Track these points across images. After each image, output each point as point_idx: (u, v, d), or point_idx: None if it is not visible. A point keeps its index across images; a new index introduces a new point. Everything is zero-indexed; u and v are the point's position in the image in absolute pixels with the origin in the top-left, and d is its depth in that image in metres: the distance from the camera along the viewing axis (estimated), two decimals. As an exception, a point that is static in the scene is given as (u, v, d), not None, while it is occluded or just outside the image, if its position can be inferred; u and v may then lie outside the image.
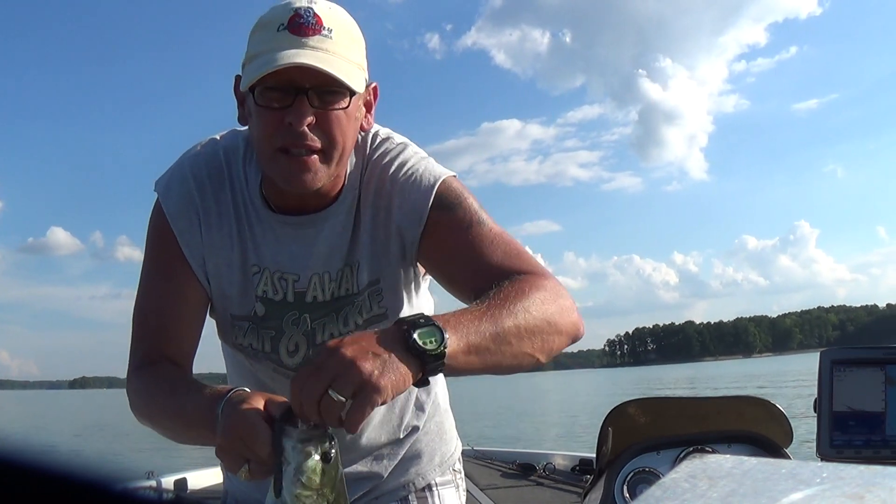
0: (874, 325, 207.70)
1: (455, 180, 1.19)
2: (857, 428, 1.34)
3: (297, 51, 1.00)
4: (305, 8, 1.03)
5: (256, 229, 1.18)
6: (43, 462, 0.31)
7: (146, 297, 1.19)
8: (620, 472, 1.53)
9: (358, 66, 1.07)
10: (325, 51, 1.02)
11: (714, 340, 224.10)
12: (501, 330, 0.91)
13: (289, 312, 1.20)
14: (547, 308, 0.98)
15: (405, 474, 1.35)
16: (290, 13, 1.03)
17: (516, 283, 0.99)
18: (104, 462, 0.32)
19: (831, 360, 1.35)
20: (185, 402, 1.00)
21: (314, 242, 1.17)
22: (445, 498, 1.39)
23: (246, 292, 1.20)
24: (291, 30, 1.01)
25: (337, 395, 0.78)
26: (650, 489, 0.44)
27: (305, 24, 1.02)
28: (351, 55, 1.06)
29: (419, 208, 1.15)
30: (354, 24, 1.09)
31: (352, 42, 1.07)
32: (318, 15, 1.03)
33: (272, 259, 1.18)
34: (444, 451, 1.41)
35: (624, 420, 1.65)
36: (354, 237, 1.17)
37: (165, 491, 3.13)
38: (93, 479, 0.31)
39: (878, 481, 0.42)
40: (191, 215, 1.18)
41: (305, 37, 1.01)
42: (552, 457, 3.69)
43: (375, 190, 1.17)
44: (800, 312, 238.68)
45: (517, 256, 1.10)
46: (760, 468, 0.45)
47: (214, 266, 1.19)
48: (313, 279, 1.18)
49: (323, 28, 1.02)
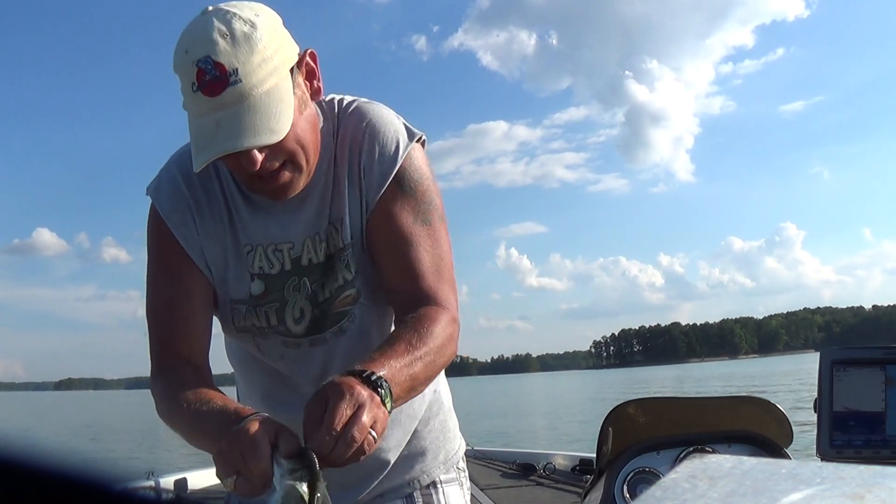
0: (860, 327, 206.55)
1: (421, 152, 1.23)
2: (857, 428, 1.34)
3: (220, 122, 1.02)
4: (204, 59, 1.02)
5: (244, 210, 1.21)
6: (43, 462, 0.31)
7: (154, 298, 1.22)
8: (620, 472, 1.53)
9: (275, 78, 1.05)
10: (240, 101, 1.02)
11: (700, 342, 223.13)
12: (416, 384, 1.06)
13: (289, 280, 1.22)
14: (447, 352, 1.13)
15: (410, 471, 1.36)
16: (194, 69, 1.03)
17: (432, 326, 1.10)
18: (104, 462, 0.32)
19: (831, 360, 1.35)
20: (204, 418, 1.03)
21: (301, 208, 1.20)
22: (450, 495, 1.39)
23: (242, 274, 1.22)
24: (204, 91, 1.02)
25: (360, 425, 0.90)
26: (650, 489, 0.44)
27: (213, 81, 1.02)
28: (264, 76, 1.04)
29: (382, 176, 1.18)
30: (258, 28, 1.05)
31: (259, 60, 1.04)
32: (219, 62, 1.02)
33: (263, 234, 1.21)
34: (449, 448, 1.42)
35: (624, 420, 1.65)
36: (335, 194, 1.20)
37: (165, 491, 3.13)
38: (93, 479, 0.31)
39: (878, 481, 0.42)
40: (183, 209, 1.20)
41: (218, 95, 1.02)
42: (552, 457, 3.69)
43: (350, 145, 1.20)
44: (786, 314, 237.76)
45: (439, 273, 1.19)
46: (760, 468, 0.45)
47: (212, 253, 1.21)
48: (306, 242, 1.21)
49: (228, 76, 1.02)
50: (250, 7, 1.08)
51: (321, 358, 1.26)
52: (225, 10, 1.06)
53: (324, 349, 1.25)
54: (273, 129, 1.04)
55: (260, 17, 1.07)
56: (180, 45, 1.06)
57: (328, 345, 1.25)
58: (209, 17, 1.05)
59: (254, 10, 1.08)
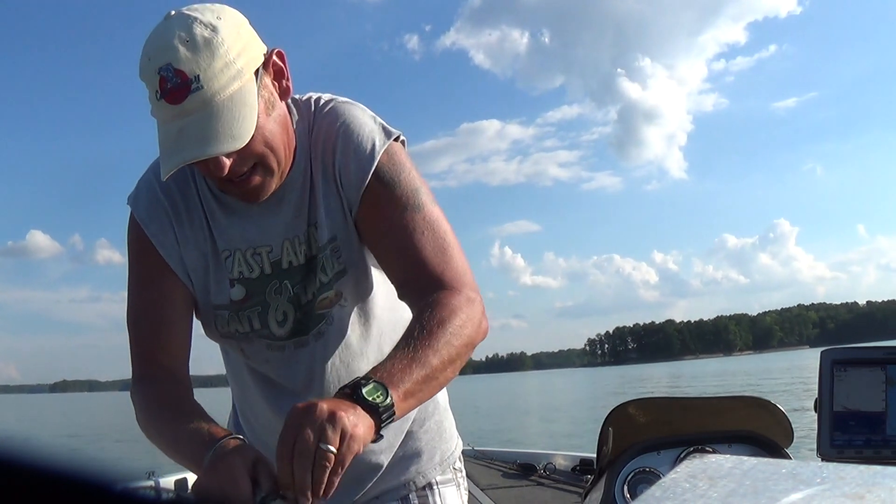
0: (854, 323, 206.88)
1: (399, 148, 1.21)
2: (857, 428, 1.33)
3: (182, 130, 1.02)
4: (165, 66, 1.02)
5: (220, 215, 1.21)
6: (43, 462, 0.31)
7: (134, 307, 1.22)
8: (621, 472, 1.53)
9: (238, 81, 1.04)
10: (202, 108, 1.02)
11: (694, 339, 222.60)
12: (430, 370, 1.00)
13: (270, 283, 1.22)
14: (465, 332, 1.06)
15: (406, 473, 1.35)
16: (157, 76, 1.02)
17: (437, 310, 1.05)
18: (104, 462, 0.32)
19: (832, 360, 1.35)
20: (180, 435, 1.04)
21: (279, 210, 1.19)
22: (446, 496, 1.39)
23: (222, 280, 1.22)
24: (166, 98, 1.02)
25: (326, 446, 0.84)
26: (650, 489, 0.44)
27: (174, 88, 1.02)
28: (226, 81, 1.03)
29: (360, 174, 1.16)
30: (219, 32, 1.04)
31: (221, 64, 1.03)
32: (180, 69, 1.01)
33: (241, 238, 1.21)
34: (445, 449, 1.41)
35: (624, 420, 1.65)
36: (312, 196, 1.19)
37: (165, 491, 3.13)
38: (93, 479, 0.31)
39: (879, 481, 0.42)
40: (161, 217, 1.21)
41: (180, 102, 1.02)
42: (553, 457, 3.69)
43: (323, 147, 1.19)
44: (780, 310, 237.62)
45: (443, 253, 1.14)
46: (760, 468, 0.45)
47: (192, 260, 1.21)
48: (285, 245, 1.20)
49: (190, 82, 1.01)
50: (212, 10, 1.07)
51: (306, 360, 1.25)
52: (186, 14, 1.05)
53: (307, 352, 1.25)
54: (236, 136, 1.04)
55: (222, 19, 1.05)
56: (144, 52, 1.05)
57: (310, 347, 1.25)
58: (170, 23, 1.05)
59: (216, 12, 1.06)
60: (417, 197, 1.17)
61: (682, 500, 0.42)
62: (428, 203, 1.17)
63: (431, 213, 1.17)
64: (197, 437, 1.00)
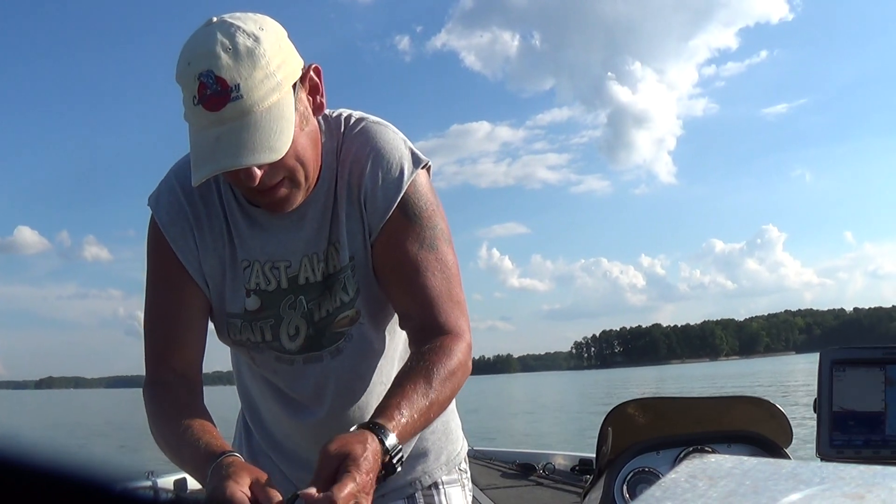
0: (841, 329, 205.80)
1: (425, 178, 1.21)
2: (856, 428, 1.34)
3: (219, 137, 1.02)
4: (206, 73, 1.01)
5: (243, 225, 1.21)
6: (43, 462, 0.31)
7: (150, 310, 1.23)
8: (620, 472, 1.53)
9: (277, 93, 1.04)
10: (241, 117, 1.02)
11: (681, 343, 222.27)
12: (425, 411, 1.06)
13: (285, 298, 1.22)
14: (461, 380, 1.15)
15: (412, 472, 1.36)
16: (196, 82, 1.02)
17: (446, 361, 1.11)
18: (104, 462, 0.32)
19: (831, 360, 1.35)
20: (183, 445, 1.07)
21: (300, 227, 1.20)
22: (452, 496, 1.39)
23: (237, 289, 1.22)
24: (205, 105, 1.02)
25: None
26: (650, 489, 0.44)
27: (214, 95, 1.01)
28: (266, 92, 1.03)
29: (385, 203, 1.17)
30: (261, 43, 1.04)
31: (262, 75, 1.03)
32: (221, 77, 1.01)
33: (261, 251, 1.21)
34: (451, 449, 1.42)
35: (624, 420, 1.65)
36: (335, 215, 1.20)
37: (165, 491, 3.13)
38: (93, 479, 0.31)
39: (878, 481, 0.42)
40: (182, 222, 1.21)
41: (219, 110, 1.01)
42: (552, 457, 3.69)
43: (351, 167, 1.19)
44: (767, 316, 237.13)
45: (449, 297, 1.18)
46: (760, 468, 0.45)
47: (210, 267, 1.22)
48: (304, 261, 1.21)
49: (230, 91, 1.01)
50: (255, 20, 1.07)
51: (315, 376, 1.26)
52: (229, 22, 1.05)
53: (319, 367, 1.25)
54: (273, 148, 1.03)
55: (264, 30, 1.05)
56: (183, 56, 1.05)
57: (323, 363, 1.25)
58: (213, 30, 1.04)
59: (258, 23, 1.06)
60: (435, 237, 1.18)
61: (681, 500, 0.42)
62: (443, 244, 1.19)
63: (445, 256, 1.19)
64: (199, 456, 1.02)
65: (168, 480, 3.28)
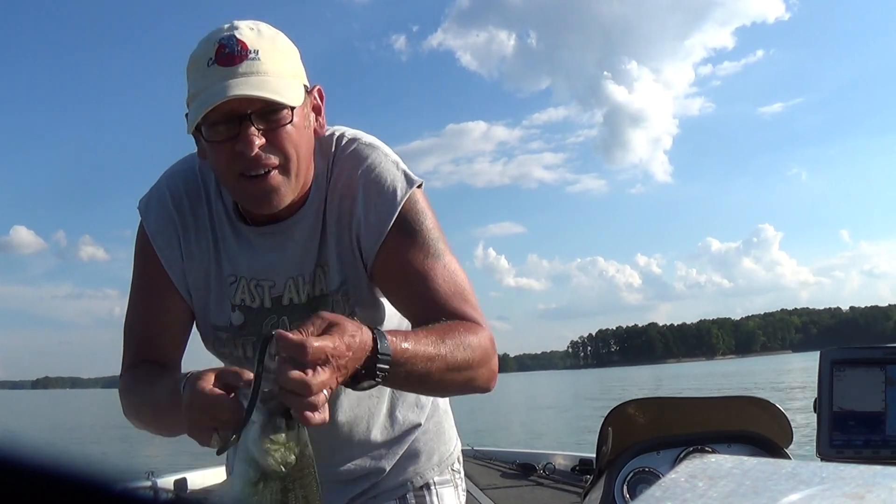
0: (837, 328, 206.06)
1: (421, 196, 1.20)
2: (857, 428, 1.34)
3: (229, 82, 1.03)
4: (228, 36, 1.05)
5: (231, 241, 1.21)
6: (43, 462, 0.31)
7: (132, 312, 1.25)
8: (620, 472, 1.53)
9: (292, 77, 1.09)
10: (255, 73, 1.04)
11: (677, 342, 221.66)
12: (428, 358, 1.00)
13: (268, 317, 1.22)
14: (473, 356, 1.07)
15: (403, 473, 1.36)
16: (215, 46, 1.05)
17: (456, 322, 1.08)
18: (104, 462, 0.32)
19: (831, 360, 1.35)
20: (159, 391, 1.07)
21: (286, 247, 1.19)
22: (444, 497, 1.39)
23: (223, 302, 1.23)
24: (220, 62, 1.04)
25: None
26: (650, 489, 0.44)
27: (232, 54, 1.04)
28: (282, 69, 1.07)
29: (380, 226, 1.16)
30: (283, 38, 1.11)
31: (281, 56, 1.08)
32: (242, 40, 1.04)
33: (248, 268, 1.21)
34: (443, 450, 1.42)
35: (624, 420, 1.65)
36: (323, 238, 1.19)
37: (165, 491, 3.13)
38: (93, 479, 0.31)
39: (878, 481, 0.42)
40: (169, 231, 1.22)
41: (234, 65, 1.03)
42: (552, 457, 3.69)
43: (341, 192, 1.18)
44: (763, 315, 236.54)
45: (462, 299, 1.14)
46: (760, 468, 0.45)
47: (195, 279, 1.23)
48: (288, 283, 1.21)
49: (249, 52, 1.04)
50: (272, 28, 1.12)
51: None
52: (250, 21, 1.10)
53: None
54: (282, 94, 1.05)
55: (282, 37, 1.11)
56: (201, 41, 1.08)
57: None
58: (233, 22, 1.09)
59: (276, 31, 1.12)
60: (437, 247, 1.17)
61: (681, 500, 0.42)
62: (446, 253, 1.18)
63: (450, 264, 1.17)
64: (172, 387, 1.01)
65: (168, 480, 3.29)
